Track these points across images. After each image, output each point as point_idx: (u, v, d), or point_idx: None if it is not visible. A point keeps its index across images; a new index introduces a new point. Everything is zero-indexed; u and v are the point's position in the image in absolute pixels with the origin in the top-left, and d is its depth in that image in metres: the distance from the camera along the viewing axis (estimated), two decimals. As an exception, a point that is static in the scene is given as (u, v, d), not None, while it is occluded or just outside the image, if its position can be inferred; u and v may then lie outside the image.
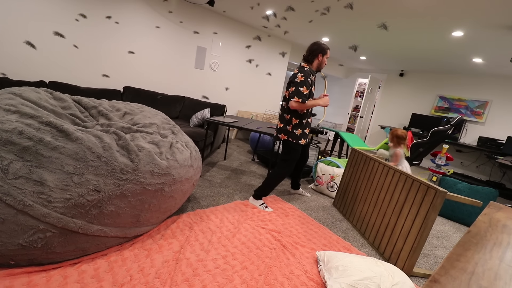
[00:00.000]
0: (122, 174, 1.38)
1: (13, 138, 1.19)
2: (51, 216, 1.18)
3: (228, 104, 5.17)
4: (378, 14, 3.21)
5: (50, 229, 1.19)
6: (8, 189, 1.10)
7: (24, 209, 1.12)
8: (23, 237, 1.15)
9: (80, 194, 1.24)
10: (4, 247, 1.13)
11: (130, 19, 3.68)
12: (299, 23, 4.20)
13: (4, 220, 1.10)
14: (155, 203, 1.56)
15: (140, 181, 1.44)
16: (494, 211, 1.33)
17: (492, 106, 5.24)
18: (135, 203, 1.45)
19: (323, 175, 3.11)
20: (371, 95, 6.83)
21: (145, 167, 1.47)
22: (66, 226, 1.22)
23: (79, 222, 1.26)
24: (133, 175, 1.42)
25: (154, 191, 1.52)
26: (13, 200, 1.10)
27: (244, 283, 1.44)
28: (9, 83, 2.76)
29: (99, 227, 1.34)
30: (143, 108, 2.27)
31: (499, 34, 3.12)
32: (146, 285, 1.29)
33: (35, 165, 1.18)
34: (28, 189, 1.14)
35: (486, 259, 0.81)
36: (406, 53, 4.85)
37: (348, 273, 1.47)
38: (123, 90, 3.65)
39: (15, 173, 1.13)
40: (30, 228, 1.15)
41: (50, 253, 1.25)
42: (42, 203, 1.16)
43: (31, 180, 1.15)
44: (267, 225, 2.11)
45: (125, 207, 1.41)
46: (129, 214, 1.45)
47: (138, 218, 1.52)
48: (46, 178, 1.18)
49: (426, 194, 1.77)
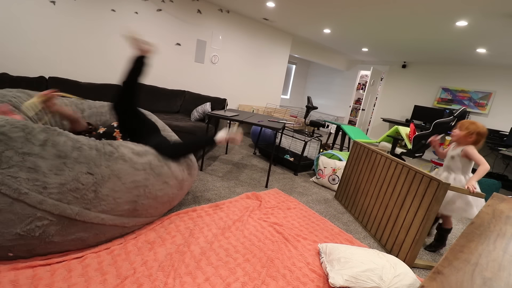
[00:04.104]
0: (109, 156, 1.42)
1: (2, 129, 1.19)
2: (47, 203, 1.19)
3: (229, 98, 5.14)
4: (380, 4, 3.15)
5: (47, 216, 1.20)
6: (2, 178, 1.11)
7: (19, 197, 1.13)
8: (20, 226, 1.15)
9: (74, 178, 1.26)
10: (2, 238, 1.14)
11: (129, 11, 3.63)
12: (300, 14, 4.13)
13: (0, 210, 1.11)
14: (149, 187, 1.56)
15: (125, 160, 1.47)
16: (497, 202, 1.33)
17: (496, 97, 5.18)
18: (129, 186, 1.46)
19: (324, 168, 3.10)
20: (373, 87, 6.76)
21: (125, 150, 1.52)
22: (63, 213, 1.23)
23: (76, 209, 1.27)
24: (118, 155, 1.46)
25: (144, 171, 1.54)
26: (8, 189, 1.11)
27: (247, 275, 1.45)
28: (9, 79, 2.75)
29: (96, 214, 1.35)
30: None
31: (504, 23, 3.05)
32: (150, 278, 1.30)
33: (27, 152, 1.18)
34: (22, 177, 1.14)
35: (490, 250, 0.80)
36: (409, 44, 4.77)
37: (350, 265, 1.47)
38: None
39: (7, 162, 1.14)
40: (27, 217, 1.16)
41: (48, 242, 1.26)
42: (38, 190, 1.17)
43: (25, 167, 1.16)
44: (269, 218, 2.12)
45: (120, 190, 1.42)
46: (125, 200, 1.45)
47: (135, 206, 1.53)
48: (40, 164, 1.19)
49: (428, 186, 1.76)
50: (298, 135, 3.89)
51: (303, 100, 8.89)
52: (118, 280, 1.25)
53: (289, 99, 8.51)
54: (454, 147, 2.05)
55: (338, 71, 8.06)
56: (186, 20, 4.18)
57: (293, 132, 4.05)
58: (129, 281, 1.26)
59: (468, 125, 1.94)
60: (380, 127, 7.04)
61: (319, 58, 6.78)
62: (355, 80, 7.50)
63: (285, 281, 1.46)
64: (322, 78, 8.51)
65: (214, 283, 1.35)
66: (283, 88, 7.94)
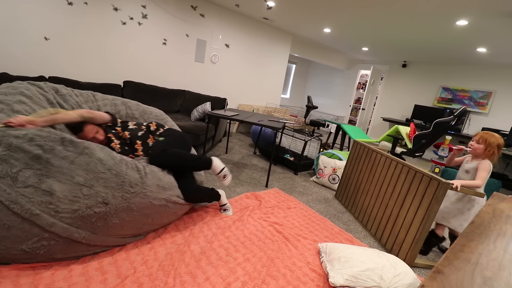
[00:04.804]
0: (130, 187, 1.38)
1: (24, 145, 1.16)
2: (57, 226, 1.18)
3: (229, 98, 5.13)
4: (380, 3, 3.15)
5: (55, 238, 1.20)
6: (16, 197, 1.09)
7: (30, 218, 1.12)
8: (26, 243, 1.15)
9: (88, 206, 1.24)
10: (6, 251, 1.14)
11: (129, 11, 3.63)
12: (300, 14, 4.12)
13: (9, 227, 1.10)
14: (158, 217, 1.56)
15: (146, 195, 1.44)
16: (497, 201, 1.33)
17: (496, 96, 5.17)
18: (139, 217, 1.45)
19: (325, 168, 3.10)
20: (373, 86, 6.76)
21: (151, 181, 1.48)
22: (71, 236, 1.23)
23: (84, 233, 1.26)
24: (141, 188, 1.41)
25: (159, 206, 1.52)
26: (20, 208, 1.10)
27: (247, 274, 1.45)
28: (9, 79, 2.74)
29: (102, 238, 1.35)
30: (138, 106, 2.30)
31: (504, 22, 3.05)
32: (150, 277, 1.30)
33: (44, 174, 1.16)
34: (36, 199, 1.13)
35: (490, 250, 0.80)
36: (409, 43, 4.76)
37: (350, 264, 1.47)
38: (123, 85, 3.63)
39: (24, 181, 1.12)
40: (35, 236, 1.15)
41: (50, 258, 1.27)
42: (50, 213, 1.16)
43: (40, 189, 1.14)
44: (269, 217, 2.12)
45: (130, 220, 1.41)
46: (132, 227, 1.46)
47: (140, 231, 1.54)
48: (55, 188, 1.17)
49: (428, 185, 1.76)
50: (298, 135, 3.89)
51: (303, 100, 8.89)
52: (119, 280, 1.25)
53: (289, 99, 8.51)
54: (470, 160, 1.93)
55: (338, 71, 8.05)
56: (187, 20, 4.17)
57: (293, 131, 4.05)
58: (129, 280, 1.26)
59: (488, 137, 1.83)
60: (380, 126, 7.03)
61: (319, 57, 6.77)
62: (355, 80, 7.49)
63: (285, 280, 1.46)
64: (322, 77, 8.51)
65: (214, 282, 1.35)
66: (283, 88, 7.92)
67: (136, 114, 2.30)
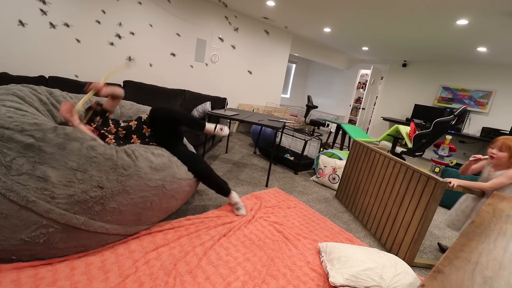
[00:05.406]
0: (124, 169, 1.38)
1: (16, 135, 1.18)
2: (54, 212, 1.18)
3: (229, 97, 5.13)
4: (380, 3, 3.14)
5: (53, 224, 1.20)
6: (11, 185, 1.10)
7: (27, 205, 1.12)
8: (25, 232, 1.15)
9: (83, 191, 1.24)
10: (6, 242, 1.14)
11: (129, 11, 3.63)
12: (300, 13, 4.12)
13: (7, 216, 1.11)
14: (156, 201, 1.56)
15: (140, 176, 1.45)
16: (497, 201, 1.33)
17: (496, 96, 5.17)
18: (137, 201, 1.45)
19: (325, 167, 3.10)
20: (373, 86, 6.76)
21: (143, 163, 1.50)
22: (69, 222, 1.23)
23: (82, 218, 1.27)
24: (134, 170, 1.43)
25: (155, 188, 1.52)
26: (16, 196, 1.11)
27: (247, 274, 1.45)
28: (9, 79, 2.74)
29: (101, 224, 1.35)
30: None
31: (505, 22, 3.05)
32: (151, 277, 1.30)
33: (38, 161, 1.17)
34: (31, 185, 1.14)
35: (490, 249, 0.81)
36: (409, 43, 4.76)
37: (350, 264, 1.48)
38: (123, 84, 3.63)
39: (18, 169, 1.13)
40: (33, 224, 1.16)
41: (52, 248, 1.26)
42: (46, 199, 1.16)
43: (35, 176, 1.15)
44: (269, 217, 2.12)
45: (127, 204, 1.41)
46: (131, 212, 1.46)
47: (140, 217, 1.53)
48: (50, 174, 1.18)
49: (426, 185, 1.76)
50: (298, 134, 3.89)
51: (303, 99, 8.88)
52: (120, 279, 1.26)
53: (289, 98, 8.51)
54: (491, 170, 1.77)
55: (338, 70, 8.04)
56: (187, 20, 4.17)
57: (293, 131, 4.05)
58: (130, 279, 1.27)
59: (511, 144, 1.67)
60: (380, 126, 7.04)
61: (319, 57, 6.77)
62: (355, 79, 7.49)
63: (285, 280, 1.46)
64: (322, 77, 8.50)
65: (215, 282, 1.35)
66: (283, 87, 7.91)
67: (130, 113, 2.32)
